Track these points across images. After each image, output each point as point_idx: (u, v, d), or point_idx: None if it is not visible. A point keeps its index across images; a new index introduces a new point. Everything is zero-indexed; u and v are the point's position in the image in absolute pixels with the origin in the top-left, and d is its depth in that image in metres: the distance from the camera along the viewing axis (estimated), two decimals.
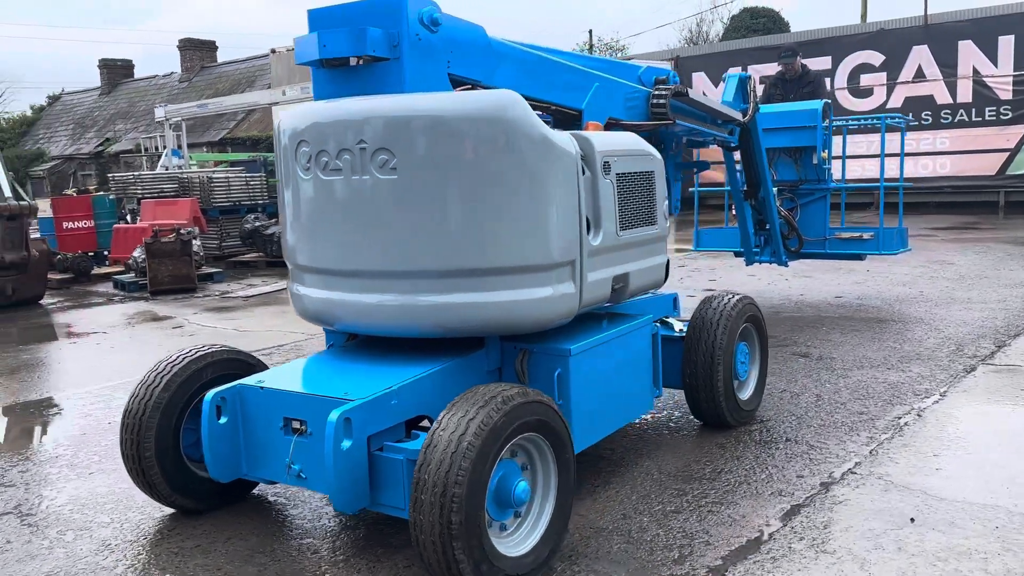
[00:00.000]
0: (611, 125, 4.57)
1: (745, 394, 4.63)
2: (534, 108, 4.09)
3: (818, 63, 18.74)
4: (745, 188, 7.03)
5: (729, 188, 7.23)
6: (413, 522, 2.74)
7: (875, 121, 8.87)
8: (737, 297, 4.52)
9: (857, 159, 15.89)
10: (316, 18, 3.49)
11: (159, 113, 16.50)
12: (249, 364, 3.85)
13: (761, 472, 3.89)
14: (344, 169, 3.33)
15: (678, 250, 12.68)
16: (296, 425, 3.25)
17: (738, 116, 5.89)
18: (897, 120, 8.41)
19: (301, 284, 3.69)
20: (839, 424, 4.50)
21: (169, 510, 3.75)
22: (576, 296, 3.48)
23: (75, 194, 16.60)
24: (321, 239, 3.50)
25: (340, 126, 3.33)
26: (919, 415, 4.60)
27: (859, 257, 8.02)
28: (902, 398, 4.91)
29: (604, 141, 3.67)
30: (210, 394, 3.36)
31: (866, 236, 7.65)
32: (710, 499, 3.63)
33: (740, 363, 4.55)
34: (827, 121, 7.51)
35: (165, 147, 16.54)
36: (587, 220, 3.55)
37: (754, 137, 6.50)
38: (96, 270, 13.15)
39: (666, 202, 4.15)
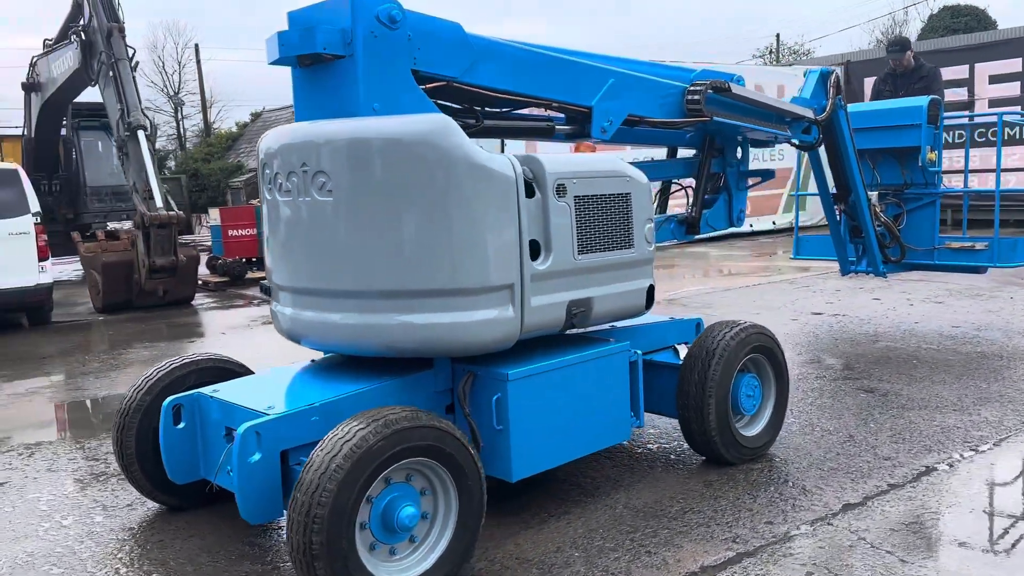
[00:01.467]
0: (634, 123, 4.45)
1: (753, 430, 4.33)
2: (536, 106, 4.08)
3: (1001, 67, 17.07)
4: (834, 191, 6.59)
5: (818, 192, 6.82)
6: (287, 539, 2.82)
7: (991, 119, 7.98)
8: (740, 326, 4.25)
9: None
10: (292, 19, 3.60)
11: None
12: (234, 372, 4.08)
13: (731, 515, 3.64)
14: (292, 190, 3.48)
15: (801, 268, 11.96)
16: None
17: (808, 114, 5.51)
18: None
19: (276, 301, 3.86)
20: (853, 469, 4.11)
21: (157, 505, 4.03)
22: (516, 321, 3.43)
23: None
24: (283, 257, 3.66)
25: (290, 148, 3.48)
26: (950, 465, 4.12)
27: (975, 270, 7.23)
28: (946, 444, 4.41)
29: (559, 163, 3.58)
30: (167, 400, 3.60)
31: (979, 246, 6.91)
32: (658, 539, 3.44)
33: (746, 396, 4.27)
34: (938, 120, 6.86)
35: None
36: (536, 243, 3.49)
37: (839, 136, 6.09)
38: (251, 274, 14.22)
39: (649, 225, 3.98)
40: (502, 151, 10.24)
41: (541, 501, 3.88)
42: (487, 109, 4.00)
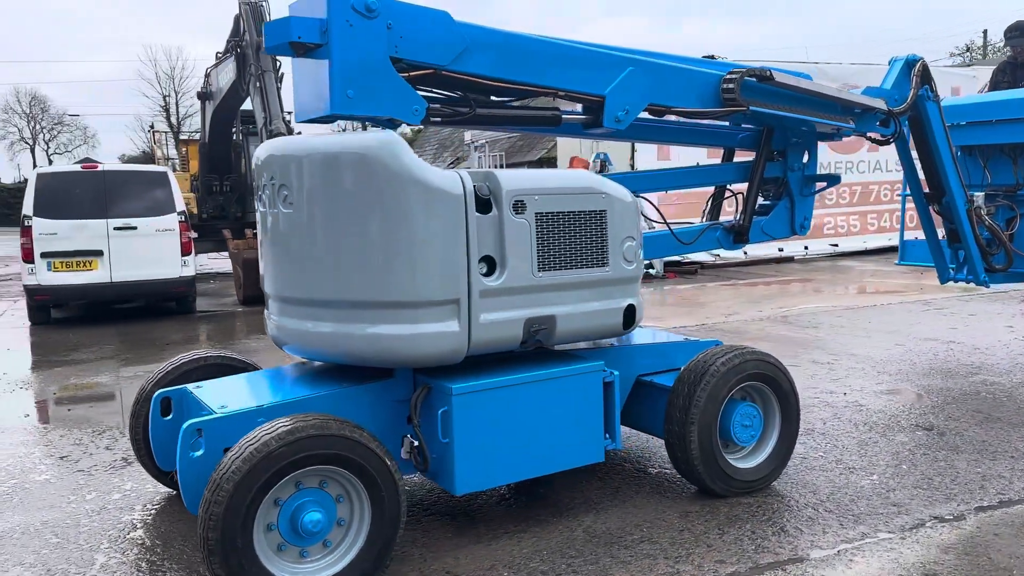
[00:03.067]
0: (659, 112, 4.35)
1: (750, 462, 4.09)
2: (541, 95, 4.05)
3: None
4: (927, 191, 6.06)
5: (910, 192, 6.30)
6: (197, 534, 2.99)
7: None
8: (736, 352, 4.02)
9: None
10: (291, 9, 3.69)
11: (467, 136, 18.14)
12: (237, 369, 4.34)
13: (685, 550, 3.47)
14: (267, 202, 3.67)
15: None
16: None
17: (878, 104, 5.08)
18: None
19: (267, 308, 4.06)
20: (850, 513, 3.80)
21: (169, 490, 4.36)
22: (463, 336, 3.45)
23: None
24: (267, 265, 3.86)
25: (268, 162, 3.67)
26: (960, 518, 3.71)
27: None
28: (974, 495, 3.97)
29: (519, 179, 3.57)
30: (156, 393, 3.89)
31: None
32: (596, 567, 3.35)
33: (741, 426, 4.04)
34: None
35: (473, 168, 18.19)
36: (492, 259, 3.50)
37: (928, 130, 5.62)
38: None
39: (630, 243, 3.86)
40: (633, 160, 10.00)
41: (505, 516, 3.87)
42: (493, 98, 4.01)
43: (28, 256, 10.23)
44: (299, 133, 17.86)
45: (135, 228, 10.55)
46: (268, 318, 3.98)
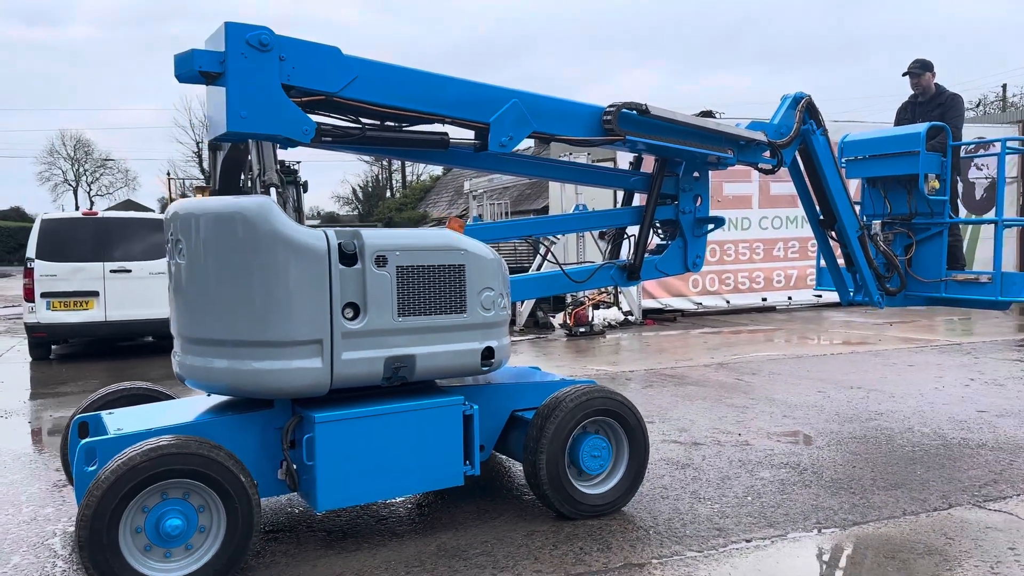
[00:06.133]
0: (545, 140, 4.93)
1: (600, 489, 4.59)
2: (430, 121, 4.62)
3: None
4: (821, 217, 6.54)
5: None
6: None
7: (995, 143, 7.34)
8: (584, 390, 4.54)
9: None
10: (207, 43, 4.25)
11: (466, 186, 18.84)
12: (156, 398, 4.93)
13: (512, 561, 3.96)
14: (169, 253, 4.29)
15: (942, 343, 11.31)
16: None
17: (757, 137, 5.61)
18: None
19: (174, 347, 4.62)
20: (676, 535, 4.26)
21: None
22: (325, 371, 4.00)
23: None
24: (170, 308, 4.43)
25: (171, 219, 4.27)
26: (770, 541, 4.16)
27: (997, 306, 6.68)
28: (795, 523, 4.41)
29: (382, 237, 4.15)
30: (75, 419, 4.49)
31: (983, 279, 6.49)
32: None
33: (592, 457, 4.55)
34: (945, 148, 6.56)
35: (472, 215, 18.86)
36: (356, 305, 4.06)
37: (816, 162, 6.13)
38: None
39: (488, 293, 4.40)
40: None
41: (375, 532, 4.38)
42: (389, 124, 4.53)
43: (29, 295, 10.99)
44: (303, 181, 18.60)
45: (129, 271, 11.28)
46: (173, 356, 4.55)
